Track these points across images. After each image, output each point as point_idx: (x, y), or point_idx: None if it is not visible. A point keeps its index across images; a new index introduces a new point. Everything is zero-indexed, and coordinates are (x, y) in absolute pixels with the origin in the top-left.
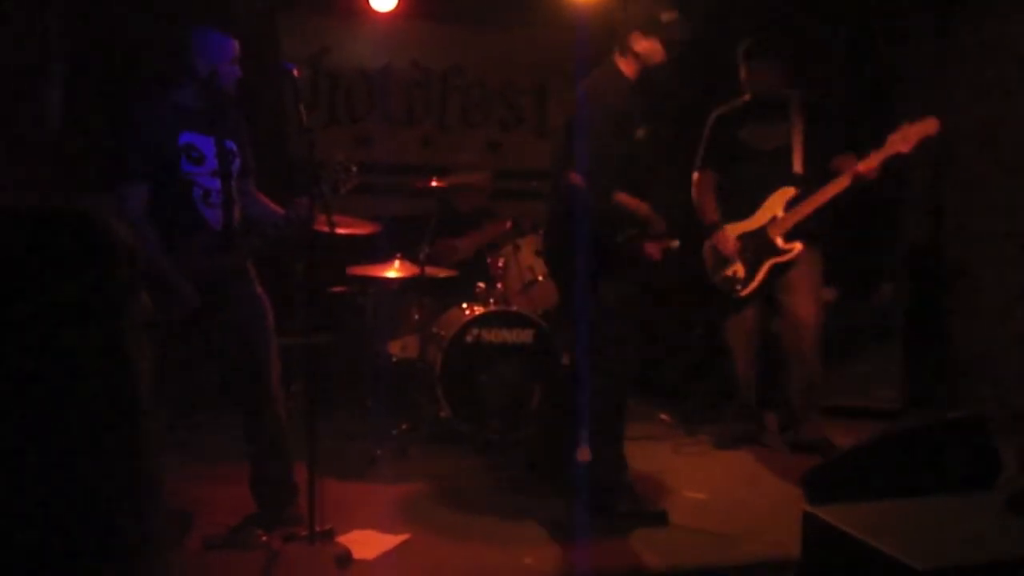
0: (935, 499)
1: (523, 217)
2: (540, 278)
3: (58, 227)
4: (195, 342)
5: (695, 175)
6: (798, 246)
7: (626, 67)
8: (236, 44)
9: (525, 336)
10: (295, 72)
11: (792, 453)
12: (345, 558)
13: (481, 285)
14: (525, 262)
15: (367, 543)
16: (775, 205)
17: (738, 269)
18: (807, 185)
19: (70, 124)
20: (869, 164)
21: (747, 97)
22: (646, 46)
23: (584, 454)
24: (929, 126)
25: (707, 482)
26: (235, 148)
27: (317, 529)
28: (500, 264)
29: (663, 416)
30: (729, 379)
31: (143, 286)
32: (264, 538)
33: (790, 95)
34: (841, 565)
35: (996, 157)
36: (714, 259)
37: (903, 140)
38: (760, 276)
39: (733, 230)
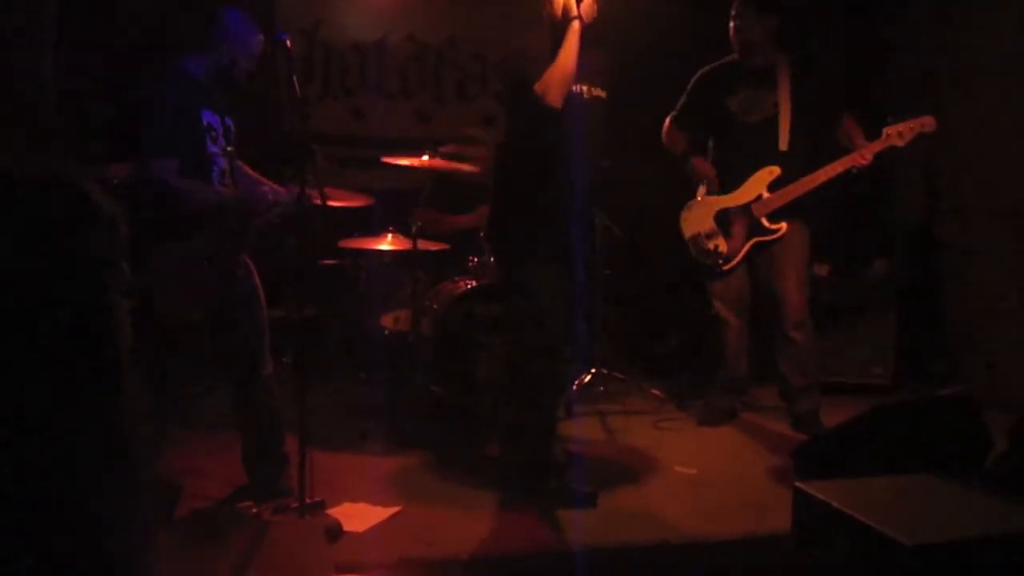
0: (925, 475)
1: None
2: None
3: (40, 194)
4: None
5: (667, 123)
6: (784, 226)
7: None
8: (262, 41)
9: None
10: (288, 43)
11: (788, 427)
12: (336, 530)
13: (474, 259)
14: None
15: (358, 515)
16: (759, 183)
17: (720, 243)
18: (792, 163)
19: (64, 91)
20: (864, 156)
21: (735, 57)
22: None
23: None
24: (926, 123)
25: (697, 457)
26: (232, 126)
27: (307, 501)
28: None
29: (654, 391)
30: (718, 349)
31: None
32: (254, 510)
33: (778, 59)
34: (831, 540)
35: (991, 133)
36: (692, 235)
37: (899, 135)
38: (742, 253)
39: (713, 204)
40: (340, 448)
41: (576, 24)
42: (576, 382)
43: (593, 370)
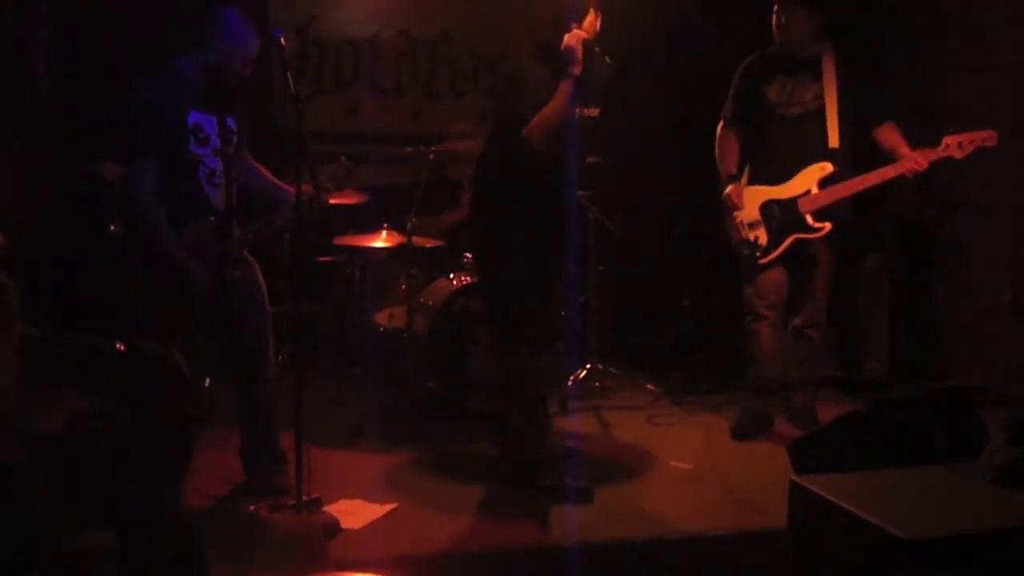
0: (921, 469)
1: None
2: None
3: None
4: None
5: (720, 126)
6: (827, 226)
7: None
8: (258, 44)
9: None
10: (283, 40)
11: (783, 422)
12: (333, 527)
13: (468, 255)
14: None
15: (354, 512)
16: (810, 179)
17: (760, 235)
18: (841, 161)
19: (56, 91)
20: (919, 163)
21: (779, 46)
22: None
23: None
24: (988, 137)
25: (692, 452)
26: (234, 126)
27: (304, 498)
28: None
29: (649, 386)
30: (751, 348)
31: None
32: (252, 507)
33: (822, 50)
34: (828, 534)
35: (984, 127)
36: (731, 216)
37: (959, 146)
38: (782, 248)
39: (759, 194)
40: (336, 445)
41: (569, 83)
42: (571, 378)
43: (588, 366)
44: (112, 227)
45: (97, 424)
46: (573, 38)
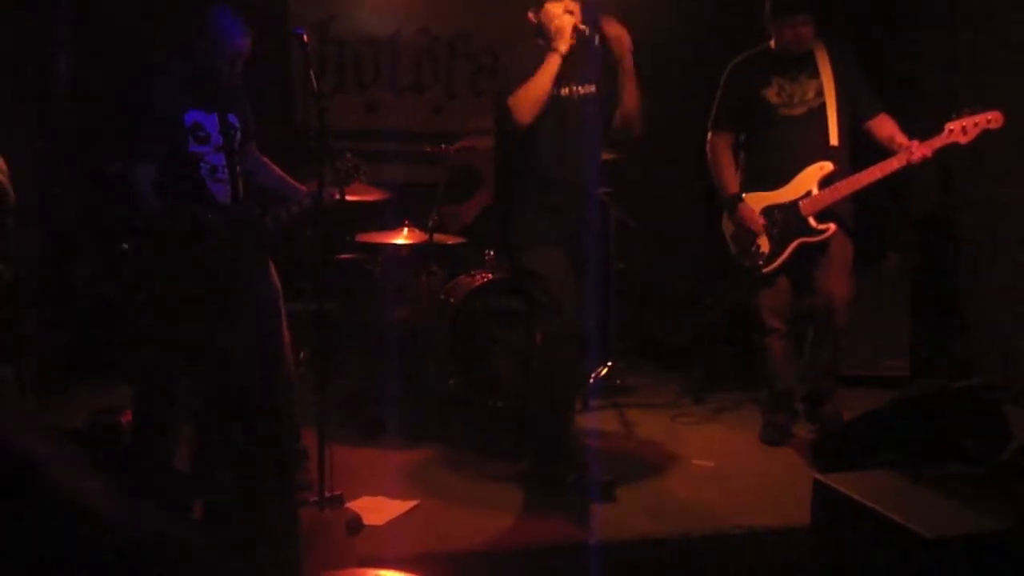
0: (944, 468)
1: None
2: None
3: None
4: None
5: (709, 135)
6: (832, 227)
7: None
8: (248, 44)
9: None
10: (305, 38)
11: (806, 421)
12: (355, 524)
13: (490, 252)
14: None
15: (376, 509)
16: (810, 180)
17: (762, 243)
18: (842, 158)
19: (78, 88)
20: (923, 151)
21: (770, 46)
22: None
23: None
24: (992, 119)
25: (715, 450)
26: (236, 122)
27: (327, 495)
28: None
29: (671, 383)
30: (764, 363)
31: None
32: None
33: (816, 46)
34: (850, 533)
35: (1006, 124)
36: (736, 233)
37: (963, 131)
38: (786, 254)
39: (758, 200)
40: (357, 442)
41: (555, 56)
42: (592, 375)
43: (609, 363)
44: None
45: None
46: (564, 19)
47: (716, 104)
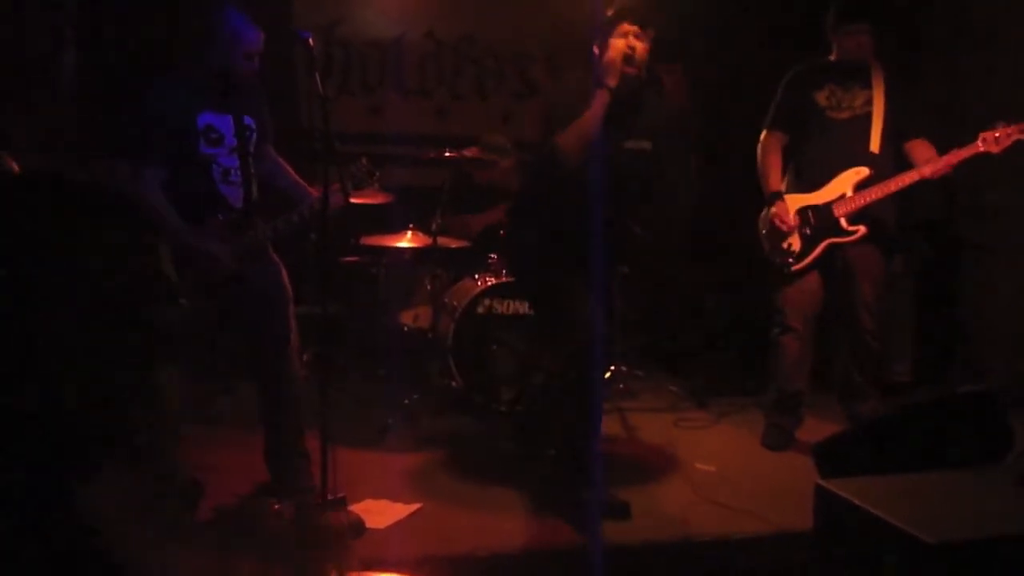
0: (947, 473)
1: None
2: None
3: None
4: (213, 311)
5: (763, 134)
6: (862, 229)
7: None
8: (260, 38)
9: None
10: (310, 41)
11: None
12: (358, 527)
13: (494, 256)
14: None
15: (380, 512)
16: (846, 183)
17: (794, 242)
18: (882, 166)
19: (85, 89)
20: (949, 163)
21: (832, 58)
22: (607, 53)
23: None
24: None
25: (717, 454)
26: (252, 124)
27: (330, 498)
28: None
29: (673, 387)
30: (775, 361)
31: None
32: (277, 507)
33: (874, 63)
34: (852, 538)
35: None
36: (770, 229)
37: (995, 141)
38: (815, 253)
39: (795, 201)
40: (360, 445)
41: (604, 93)
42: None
43: (612, 367)
44: None
45: None
46: (615, 50)
47: (773, 105)
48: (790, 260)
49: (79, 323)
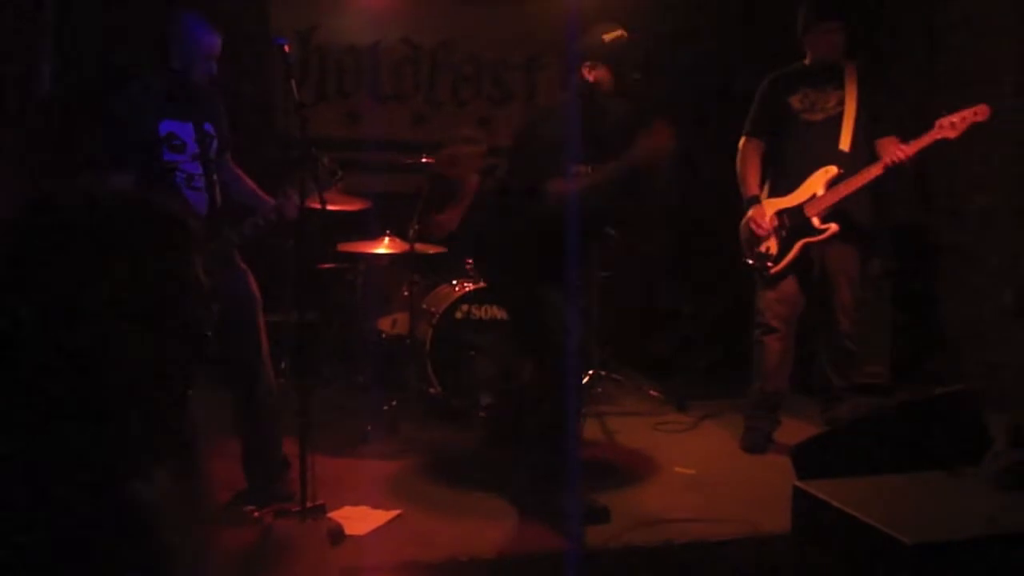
0: (924, 474)
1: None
2: None
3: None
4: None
5: (741, 141)
6: (833, 227)
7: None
8: (218, 42)
9: None
10: (286, 48)
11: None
12: (337, 534)
13: (470, 261)
14: None
15: (359, 519)
16: (817, 183)
17: (771, 245)
18: (852, 164)
19: (59, 99)
20: (907, 151)
21: (806, 62)
22: (597, 75)
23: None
24: (979, 112)
25: (696, 457)
26: (213, 131)
27: (309, 505)
28: None
29: (652, 392)
30: (757, 362)
31: None
32: (255, 514)
33: (846, 64)
34: (831, 539)
35: (984, 132)
36: (749, 234)
37: (951, 126)
38: (791, 255)
39: (771, 205)
40: (339, 452)
41: (624, 170)
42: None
43: (591, 372)
44: None
45: None
46: (659, 143)
47: (752, 111)
48: (769, 264)
49: (143, 331)
